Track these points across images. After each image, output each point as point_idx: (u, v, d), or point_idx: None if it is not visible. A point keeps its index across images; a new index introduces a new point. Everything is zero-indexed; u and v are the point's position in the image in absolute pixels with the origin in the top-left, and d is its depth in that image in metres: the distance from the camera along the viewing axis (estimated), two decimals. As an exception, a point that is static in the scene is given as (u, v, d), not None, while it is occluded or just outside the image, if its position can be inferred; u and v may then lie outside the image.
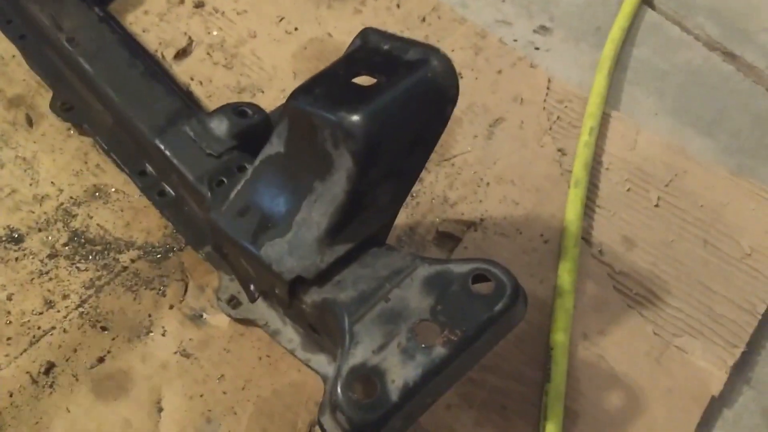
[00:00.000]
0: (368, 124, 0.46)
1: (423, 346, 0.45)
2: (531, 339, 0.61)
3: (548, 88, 0.78)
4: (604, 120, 0.75)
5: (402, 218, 0.69)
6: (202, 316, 0.62)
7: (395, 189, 0.53)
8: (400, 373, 0.44)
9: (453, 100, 0.50)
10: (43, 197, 0.68)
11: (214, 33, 0.80)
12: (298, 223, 0.51)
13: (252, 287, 0.59)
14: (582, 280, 0.65)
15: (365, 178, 0.49)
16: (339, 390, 0.44)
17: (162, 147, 0.62)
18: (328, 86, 0.49)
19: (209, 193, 0.59)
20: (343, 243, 0.51)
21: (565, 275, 0.63)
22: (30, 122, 0.72)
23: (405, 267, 0.49)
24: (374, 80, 0.48)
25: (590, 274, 0.65)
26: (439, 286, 0.48)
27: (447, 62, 0.48)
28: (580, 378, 0.60)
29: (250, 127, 0.65)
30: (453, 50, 0.81)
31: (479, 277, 0.48)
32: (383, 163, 0.49)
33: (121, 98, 0.67)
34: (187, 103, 0.68)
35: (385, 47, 0.50)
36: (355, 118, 0.46)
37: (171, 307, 0.63)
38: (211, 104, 0.74)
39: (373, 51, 0.51)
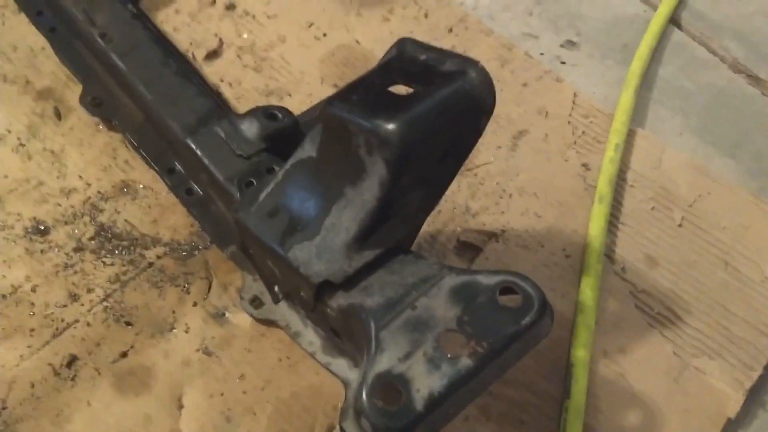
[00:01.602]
0: (403, 133, 0.46)
1: (449, 356, 0.45)
2: (550, 353, 0.62)
3: (573, 103, 0.78)
4: (630, 137, 0.75)
5: (423, 226, 0.69)
6: (224, 314, 0.63)
7: (425, 197, 0.53)
8: (425, 382, 0.44)
9: (489, 112, 0.50)
10: (70, 190, 0.68)
11: (245, 36, 0.80)
12: (327, 227, 0.51)
13: (276, 288, 0.60)
14: (604, 297, 0.65)
15: (397, 185, 0.49)
16: (364, 396, 0.44)
17: (193, 146, 0.63)
18: (365, 94, 0.49)
19: (238, 194, 0.60)
20: (371, 249, 0.51)
21: (588, 291, 0.63)
22: (59, 115, 0.73)
23: (432, 275, 0.50)
24: (410, 90, 0.49)
25: (612, 291, 0.65)
26: (466, 296, 0.48)
27: (485, 74, 0.49)
28: (600, 395, 0.60)
29: (280, 130, 0.65)
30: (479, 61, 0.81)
31: (506, 290, 0.48)
32: (415, 171, 0.50)
33: (153, 96, 0.67)
34: (218, 104, 0.69)
35: (422, 57, 0.51)
36: (391, 126, 0.46)
37: (195, 304, 0.63)
38: (240, 106, 0.75)
39: (409, 61, 0.51)
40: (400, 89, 0.49)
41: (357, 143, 0.48)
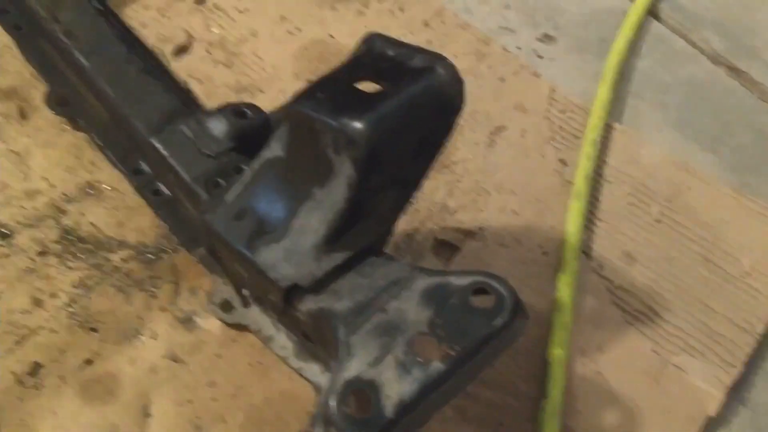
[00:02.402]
0: (371, 132, 0.45)
1: (420, 360, 0.44)
2: (528, 352, 0.61)
3: (551, 98, 0.77)
4: (607, 132, 0.74)
5: (400, 225, 0.67)
6: (193, 319, 0.61)
7: (396, 197, 0.52)
8: (395, 387, 0.43)
9: (458, 109, 0.49)
10: (34, 193, 0.66)
11: (215, 30, 0.78)
12: (295, 229, 0.50)
13: (245, 292, 0.58)
14: (581, 295, 0.64)
15: (366, 185, 0.48)
16: (333, 404, 0.43)
17: (158, 145, 0.61)
18: (331, 91, 0.48)
19: (205, 195, 0.58)
20: (341, 251, 0.50)
21: (564, 289, 0.62)
22: (23, 115, 0.71)
23: (403, 278, 0.48)
24: (378, 86, 0.47)
25: (589, 289, 0.64)
26: (437, 298, 0.47)
27: (453, 70, 0.47)
28: (577, 394, 0.59)
29: (249, 128, 0.63)
30: (455, 56, 0.79)
31: (479, 291, 0.47)
32: (385, 170, 0.48)
33: (117, 95, 0.65)
34: (185, 101, 0.67)
35: (390, 53, 0.49)
36: (358, 124, 0.45)
37: (162, 309, 0.61)
38: (211, 103, 0.73)
39: (377, 57, 0.50)
40: (369, 86, 0.48)
41: (324, 142, 0.47)
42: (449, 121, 0.49)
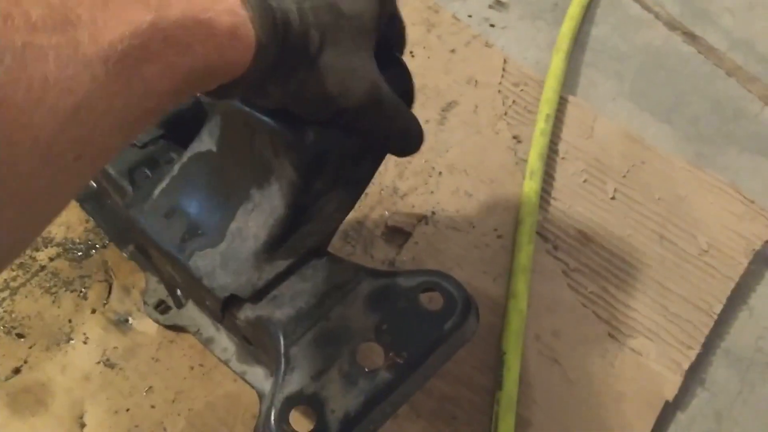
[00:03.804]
0: (314, 135, 0.41)
1: (366, 370, 0.41)
2: (482, 342, 0.58)
3: (504, 70, 0.73)
4: (561, 105, 0.71)
5: (351, 211, 0.64)
6: (127, 321, 0.57)
7: (342, 198, 0.48)
8: (340, 401, 0.40)
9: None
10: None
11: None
12: (232, 232, 0.46)
13: (179, 293, 0.54)
14: (536, 279, 0.62)
15: (309, 190, 0.44)
16: (272, 422, 0.40)
17: (79, 136, 0.56)
18: None
19: (131, 188, 0.54)
20: (283, 258, 0.46)
21: (519, 274, 0.60)
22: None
23: (348, 281, 0.45)
24: None
25: (544, 272, 0.62)
26: (384, 302, 0.44)
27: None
28: (533, 384, 0.57)
29: (179, 113, 0.58)
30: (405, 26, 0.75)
31: (429, 291, 0.44)
32: (329, 174, 0.45)
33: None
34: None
35: None
36: (300, 128, 0.41)
37: (93, 311, 0.57)
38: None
39: None
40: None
41: (262, 142, 0.43)
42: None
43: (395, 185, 0.66)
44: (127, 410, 0.54)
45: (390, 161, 0.67)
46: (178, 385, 0.55)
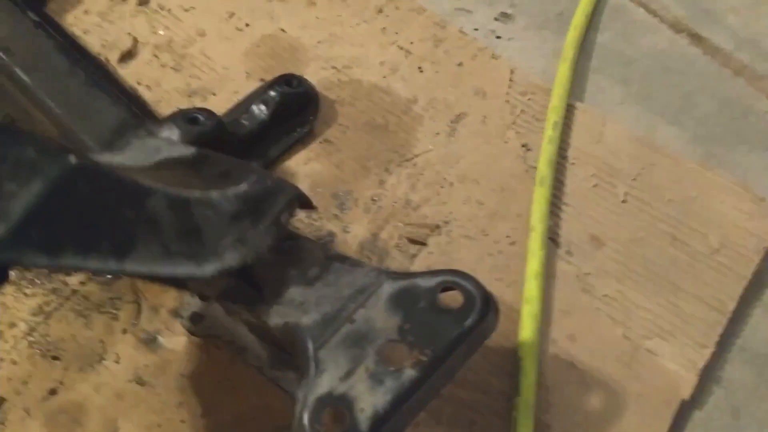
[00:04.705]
0: None
1: (392, 369, 0.43)
2: (498, 347, 0.60)
3: (511, 80, 0.75)
4: (569, 112, 0.73)
5: (364, 224, 0.66)
6: (156, 339, 0.60)
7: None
8: (369, 400, 0.42)
9: None
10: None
11: (161, 32, 0.75)
12: None
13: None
14: (550, 283, 0.63)
15: None
16: (306, 422, 0.42)
17: (106, 164, 0.59)
18: None
19: None
20: None
21: (532, 280, 0.61)
22: (-33, 137, 0.68)
23: (369, 284, 0.47)
24: None
25: (558, 276, 0.64)
26: (405, 302, 0.46)
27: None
28: (551, 387, 0.58)
29: (203, 134, 0.62)
30: (412, 42, 0.78)
31: (448, 290, 0.46)
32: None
33: (62, 110, 0.63)
34: (134, 111, 0.64)
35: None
36: None
37: (124, 331, 0.60)
38: (161, 109, 0.71)
39: None
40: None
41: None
42: None
43: (408, 197, 0.68)
44: (159, 426, 0.56)
45: (402, 174, 0.69)
46: (207, 400, 0.57)
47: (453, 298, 0.45)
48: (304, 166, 0.70)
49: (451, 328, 0.44)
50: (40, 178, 0.41)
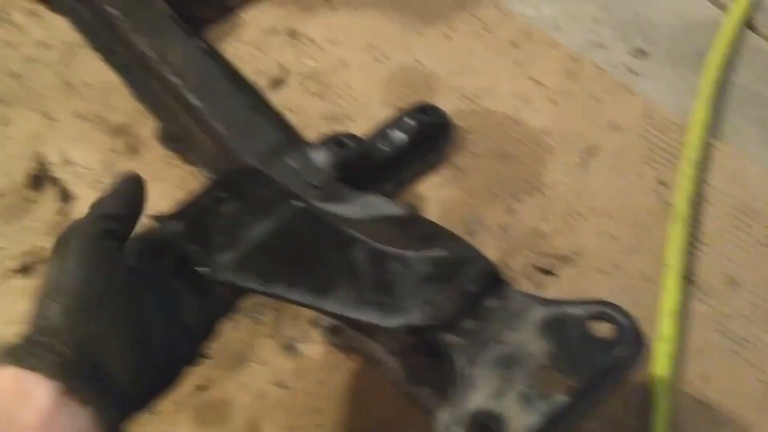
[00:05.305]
0: None
1: (543, 392, 0.44)
2: (631, 384, 0.60)
3: (646, 115, 0.75)
4: (706, 150, 0.72)
5: (493, 251, 0.68)
6: (296, 346, 0.63)
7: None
8: (520, 420, 0.43)
9: None
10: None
11: (307, 62, 0.81)
12: None
13: None
14: (684, 323, 0.62)
15: None
16: None
17: (266, 179, 0.64)
18: None
19: None
20: None
21: (667, 318, 0.61)
22: (133, 151, 0.75)
23: (520, 308, 0.49)
24: None
25: (693, 317, 0.63)
26: (556, 328, 0.47)
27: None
28: (683, 427, 0.58)
29: (351, 158, 0.66)
30: (545, 75, 0.79)
31: (598, 320, 0.47)
32: None
33: (226, 131, 0.68)
34: (289, 134, 0.69)
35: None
36: None
37: (267, 336, 0.64)
38: (305, 134, 0.75)
39: None
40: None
41: None
42: None
43: (538, 227, 0.69)
44: (297, 428, 0.60)
45: (533, 203, 0.71)
46: (342, 408, 0.60)
47: (603, 328, 0.46)
48: (434, 191, 0.73)
49: (603, 357, 0.45)
50: (270, 215, 0.49)
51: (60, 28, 0.83)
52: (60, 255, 0.43)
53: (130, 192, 0.47)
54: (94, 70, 0.80)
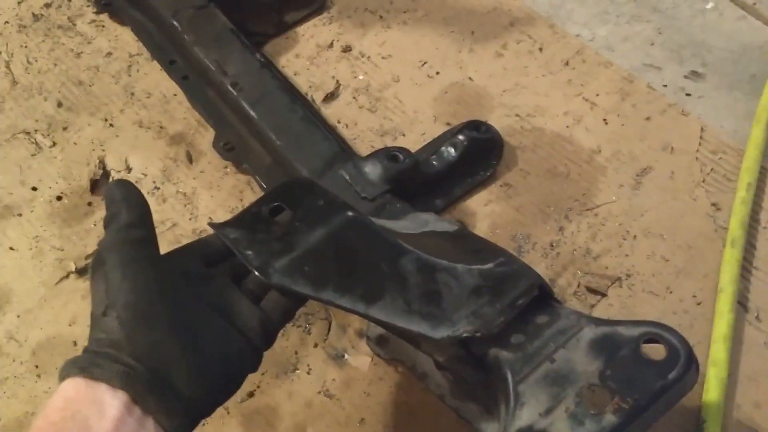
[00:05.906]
0: None
1: (593, 412, 0.44)
2: (680, 407, 0.58)
3: (701, 138, 0.75)
4: (762, 175, 0.71)
5: (542, 268, 0.68)
6: (344, 356, 0.64)
7: None
8: None
9: None
10: (201, 232, 0.72)
11: (360, 77, 0.82)
12: None
13: None
14: (737, 348, 0.61)
15: None
16: None
17: (319, 191, 0.65)
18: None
19: None
20: None
21: (720, 342, 0.60)
22: (190, 159, 0.77)
23: (570, 326, 0.49)
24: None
25: (746, 342, 0.62)
26: (607, 348, 0.47)
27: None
28: (735, 454, 0.56)
29: (402, 171, 0.67)
30: (598, 95, 0.79)
31: (650, 341, 0.47)
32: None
33: (282, 141, 0.70)
34: (342, 147, 0.71)
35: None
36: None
37: (315, 345, 0.65)
38: (356, 147, 0.76)
39: None
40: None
41: None
42: None
43: (588, 246, 0.69)
44: (343, 437, 0.60)
45: (583, 223, 0.70)
46: (387, 420, 0.61)
47: (654, 350, 0.46)
48: (484, 207, 0.73)
49: (654, 379, 0.44)
50: (324, 224, 0.50)
51: (124, 38, 0.86)
52: (101, 275, 0.44)
53: (130, 196, 0.48)
54: (155, 80, 0.82)
